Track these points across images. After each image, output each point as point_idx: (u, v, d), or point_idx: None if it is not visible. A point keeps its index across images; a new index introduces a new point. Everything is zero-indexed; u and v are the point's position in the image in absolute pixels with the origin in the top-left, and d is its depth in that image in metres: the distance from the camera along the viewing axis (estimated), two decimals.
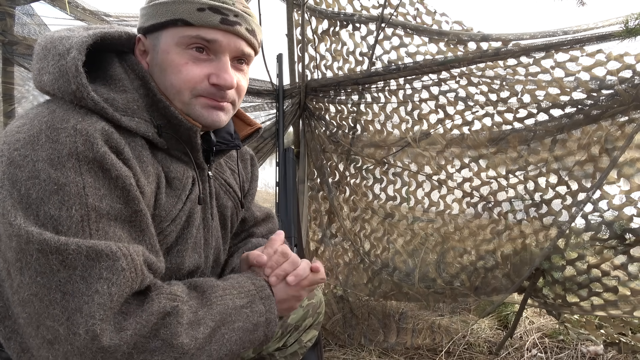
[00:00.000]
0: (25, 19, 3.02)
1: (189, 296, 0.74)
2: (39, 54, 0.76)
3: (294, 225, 1.76)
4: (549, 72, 1.75)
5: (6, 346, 0.70)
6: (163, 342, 0.66)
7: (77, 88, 0.70)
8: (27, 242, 0.62)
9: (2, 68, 2.97)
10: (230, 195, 1.03)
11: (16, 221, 0.62)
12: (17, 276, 0.64)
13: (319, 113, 2.28)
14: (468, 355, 2.09)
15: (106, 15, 3.11)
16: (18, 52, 2.75)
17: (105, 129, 0.69)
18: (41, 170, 0.64)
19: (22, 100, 3.35)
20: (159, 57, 0.80)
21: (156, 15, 0.79)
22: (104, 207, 0.66)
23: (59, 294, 0.62)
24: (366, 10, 2.22)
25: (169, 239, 0.82)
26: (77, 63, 0.70)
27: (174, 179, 0.83)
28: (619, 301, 1.73)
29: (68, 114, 0.69)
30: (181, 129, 0.81)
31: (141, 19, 0.82)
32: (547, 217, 1.85)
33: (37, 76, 0.76)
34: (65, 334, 0.61)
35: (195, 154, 0.86)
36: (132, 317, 0.64)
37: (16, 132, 0.68)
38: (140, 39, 0.82)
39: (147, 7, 0.82)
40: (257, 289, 0.81)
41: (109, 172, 0.67)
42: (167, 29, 0.79)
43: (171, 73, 0.79)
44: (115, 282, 0.63)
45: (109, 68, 0.79)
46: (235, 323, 0.75)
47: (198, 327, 0.70)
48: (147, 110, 0.79)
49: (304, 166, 2.30)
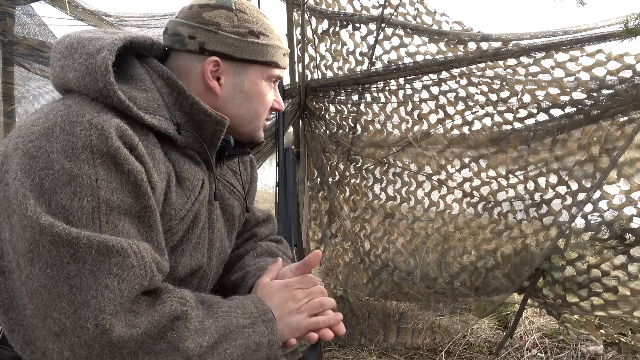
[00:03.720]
0: (25, 19, 3.03)
1: (197, 305, 0.75)
2: (62, 52, 0.77)
3: (294, 225, 1.75)
4: (549, 72, 1.76)
5: (10, 338, 0.71)
6: (169, 345, 0.66)
7: (104, 86, 0.72)
8: (40, 234, 0.63)
9: (2, 68, 2.98)
10: (235, 195, 1.05)
11: (29, 212, 0.63)
12: (27, 267, 0.64)
13: (319, 113, 2.29)
14: (468, 355, 2.09)
15: (106, 15, 3.12)
16: (18, 52, 2.75)
17: (119, 125, 0.70)
18: (55, 161, 0.65)
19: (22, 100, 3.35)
20: (247, 85, 0.90)
21: (253, 53, 0.88)
22: (115, 200, 0.67)
23: (66, 287, 0.62)
24: (366, 10, 2.22)
25: (175, 238, 0.83)
26: (107, 62, 0.72)
27: (185, 179, 0.84)
28: (619, 301, 1.73)
29: (84, 109, 0.71)
30: (207, 124, 0.85)
31: (222, 45, 0.86)
32: (547, 217, 1.85)
33: (59, 73, 0.77)
34: (72, 327, 0.62)
35: (212, 151, 0.89)
36: (143, 316, 0.65)
37: (31, 125, 0.70)
38: (217, 61, 0.87)
39: (240, 41, 0.87)
40: (259, 312, 0.82)
41: (121, 166, 0.68)
42: (259, 65, 0.90)
43: (258, 102, 0.92)
44: (125, 278, 0.64)
45: (129, 68, 0.82)
46: (238, 340, 0.76)
47: (204, 335, 0.71)
48: (167, 108, 0.82)
49: (304, 166, 2.30)
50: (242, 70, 0.89)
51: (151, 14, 3.30)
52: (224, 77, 0.88)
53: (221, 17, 0.86)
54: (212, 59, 0.85)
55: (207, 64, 0.86)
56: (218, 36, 0.85)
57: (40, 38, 2.98)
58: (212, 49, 0.85)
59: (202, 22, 0.86)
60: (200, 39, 0.85)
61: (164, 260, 0.75)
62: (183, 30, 0.86)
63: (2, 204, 0.68)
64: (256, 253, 1.10)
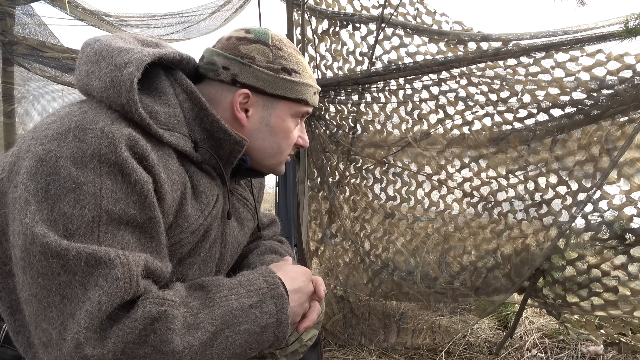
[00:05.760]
0: (25, 19, 3.03)
1: (189, 298, 0.73)
2: (90, 57, 0.77)
3: (294, 225, 1.76)
4: (549, 72, 1.76)
5: (15, 339, 0.71)
6: (153, 349, 0.64)
7: (127, 102, 0.72)
8: (31, 243, 0.62)
9: (2, 68, 2.97)
10: (248, 208, 1.06)
11: (27, 219, 0.63)
12: (21, 275, 0.65)
13: (319, 113, 2.29)
14: (468, 355, 2.09)
15: (106, 15, 3.12)
16: (18, 52, 2.75)
17: (132, 135, 0.70)
18: (62, 167, 0.65)
19: (22, 100, 3.35)
20: (273, 120, 0.91)
21: (284, 89, 0.89)
22: (117, 210, 0.67)
23: (57, 297, 0.62)
24: (366, 10, 2.22)
25: (184, 250, 0.83)
26: (133, 79, 0.72)
27: (201, 193, 0.84)
28: (619, 301, 1.73)
29: (99, 116, 0.71)
30: (226, 142, 0.86)
31: (254, 78, 0.87)
32: (547, 217, 1.85)
33: (84, 78, 0.77)
34: (57, 339, 0.62)
35: (228, 168, 0.90)
36: (115, 325, 0.64)
37: (45, 128, 0.70)
38: (247, 94, 0.88)
39: (272, 76, 0.88)
40: (269, 287, 0.79)
41: (128, 176, 0.68)
42: (288, 101, 0.91)
43: (283, 137, 0.93)
44: (107, 291, 0.62)
45: (155, 80, 0.82)
46: (241, 325, 0.73)
47: (196, 333, 0.68)
48: (187, 124, 0.83)
49: (304, 166, 2.30)
50: (271, 105, 0.90)
51: (151, 14, 3.30)
52: (252, 110, 0.89)
53: (257, 52, 0.87)
54: (242, 91, 0.87)
55: (237, 96, 0.87)
56: (251, 70, 0.86)
57: (40, 38, 2.97)
58: (244, 82, 0.87)
59: (238, 54, 0.87)
60: (233, 71, 0.87)
61: (164, 266, 0.74)
62: (218, 60, 0.87)
63: (11, 206, 0.68)
64: (260, 251, 1.10)
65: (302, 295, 0.86)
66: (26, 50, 2.69)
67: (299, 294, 0.85)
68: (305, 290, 0.88)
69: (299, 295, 0.85)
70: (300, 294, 0.85)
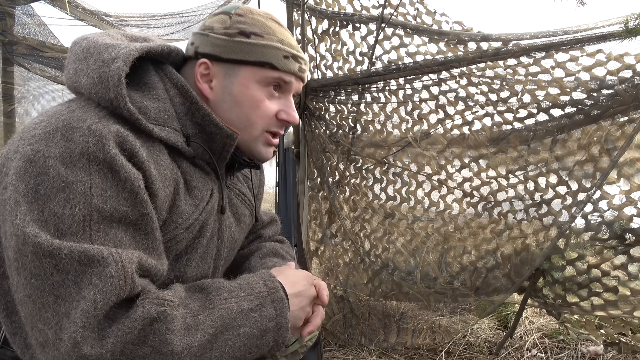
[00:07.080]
0: (25, 19, 3.03)
1: (189, 299, 0.72)
2: (78, 55, 0.77)
3: (294, 225, 1.76)
4: (549, 72, 1.75)
5: (12, 341, 0.71)
6: (152, 349, 0.64)
7: (115, 97, 0.71)
8: (23, 243, 0.62)
9: (2, 68, 2.98)
10: (246, 204, 1.04)
11: (18, 220, 0.63)
12: (15, 276, 0.64)
13: (319, 113, 2.29)
14: (468, 355, 2.09)
15: (106, 15, 3.12)
16: (18, 52, 2.75)
17: (120, 132, 0.69)
18: (51, 167, 0.65)
19: (22, 100, 3.35)
20: (235, 88, 0.85)
21: (241, 52, 0.84)
22: (108, 208, 0.66)
23: (51, 297, 0.62)
24: (366, 10, 2.22)
25: (179, 246, 0.82)
26: (121, 74, 0.72)
27: (195, 188, 0.83)
28: (619, 301, 1.73)
29: (86, 114, 0.70)
30: (217, 136, 0.84)
31: (211, 46, 0.84)
32: (547, 217, 1.85)
33: (72, 76, 0.77)
34: (53, 339, 0.61)
35: (222, 162, 0.88)
36: (115, 325, 0.63)
37: (33, 128, 0.69)
38: (206, 63, 0.85)
39: (227, 41, 0.84)
40: (269, 291, 0.78)
41: (118, 173, 0.67)
42: (249, 66, 0.85)
43: (249, 107, 0.86)
44: (101, 289, 0.62)
45: (144, 75, 0.81)
46: (241, 328, 0.72)
47: (195, 334, 0.68)
48: (177, 119, 0.82)
49: (304, 166, 2.30)
50: (232, 72, 0.85)
51: (151, 14, 3.30)
52: (215, 80, 0.86)
53: (216, 21, 0.86)
54: (201, 61, 0.85)
55: (197, 67, 0.86)
56: (209, 38, 0.85)
57: (40, 38, 2.98)
58: (202, 51, 0.85)
59: (201, 28, 0.88)
60: (196, 44, 0.86)
61: (160, 264, 0.73)
62: (190, 39, 0.89)
63: (1, 208, 0.67)
64: (261, 254, 1.09)
65: (303, 299, 0.85)
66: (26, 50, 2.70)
67: (299, 298, 0.84)
68: (307, 295, 0.86)
69: (300, 299, 0.84)
70: (301, 298, 0.84)
